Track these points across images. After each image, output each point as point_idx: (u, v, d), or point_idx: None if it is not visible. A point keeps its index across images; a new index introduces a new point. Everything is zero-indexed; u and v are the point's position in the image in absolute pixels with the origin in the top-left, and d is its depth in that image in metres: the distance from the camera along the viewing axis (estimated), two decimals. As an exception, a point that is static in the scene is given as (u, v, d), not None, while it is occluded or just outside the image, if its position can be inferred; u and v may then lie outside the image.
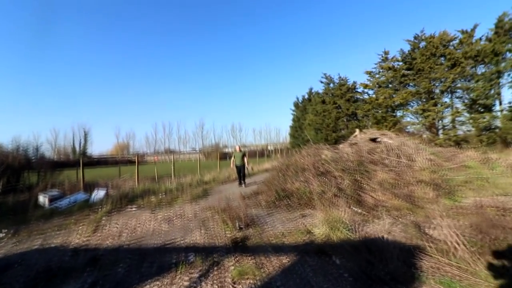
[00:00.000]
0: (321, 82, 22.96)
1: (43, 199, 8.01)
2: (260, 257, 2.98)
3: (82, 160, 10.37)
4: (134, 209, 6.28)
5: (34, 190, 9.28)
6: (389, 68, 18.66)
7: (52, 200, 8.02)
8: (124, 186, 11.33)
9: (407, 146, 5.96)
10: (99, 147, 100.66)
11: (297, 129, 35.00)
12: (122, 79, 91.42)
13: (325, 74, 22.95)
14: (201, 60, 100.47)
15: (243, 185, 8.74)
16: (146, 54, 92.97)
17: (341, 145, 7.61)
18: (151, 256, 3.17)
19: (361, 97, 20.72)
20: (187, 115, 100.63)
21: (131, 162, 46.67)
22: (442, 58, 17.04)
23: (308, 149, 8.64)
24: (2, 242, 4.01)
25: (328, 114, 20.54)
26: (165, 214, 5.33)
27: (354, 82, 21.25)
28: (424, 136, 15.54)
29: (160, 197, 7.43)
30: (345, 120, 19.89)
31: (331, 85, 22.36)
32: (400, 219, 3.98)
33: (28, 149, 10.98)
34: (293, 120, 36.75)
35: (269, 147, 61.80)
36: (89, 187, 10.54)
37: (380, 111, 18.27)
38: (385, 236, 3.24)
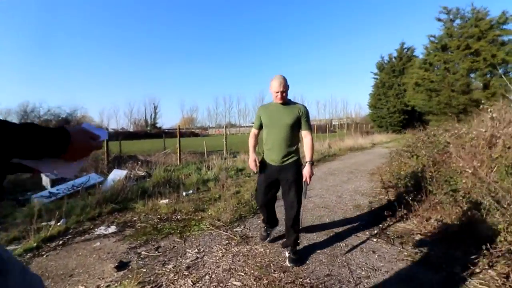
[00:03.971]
0: (439, 20, 15.06)
1: (45, 179, 5.76)
2: None
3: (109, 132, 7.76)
4: (104, 234, 2.85)
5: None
6: None
7: (55, 181, 5.65)
8: (164, 161, 8.62)
9: None
10: (169, 120, 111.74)
11: (380, 97, 27.19)
12: (185, 55, 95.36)
13: (445, 8, 14.92)
14: (261, 32, 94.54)
15: (288, 253, 2.05)
16: (209, 32, 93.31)
17: None
18: None
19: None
20: (246, 88, 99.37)
21: (194, 134, 48.26)
22: None
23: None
24: None
25: (452, 67, 13.20)
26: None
27: (504, 13, 12.85)
28: None
29: (183, 197, 3.92)
30: (484, 74, 12.32)
31: (457, 22, 14.37)
32: None
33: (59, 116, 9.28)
34: (375, 86, 28.67)
35: (333, 122, 53.60)
36: (120, 164, 8.23)
37: None
38: None
